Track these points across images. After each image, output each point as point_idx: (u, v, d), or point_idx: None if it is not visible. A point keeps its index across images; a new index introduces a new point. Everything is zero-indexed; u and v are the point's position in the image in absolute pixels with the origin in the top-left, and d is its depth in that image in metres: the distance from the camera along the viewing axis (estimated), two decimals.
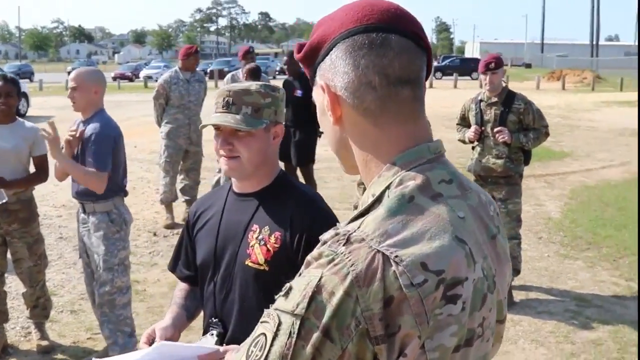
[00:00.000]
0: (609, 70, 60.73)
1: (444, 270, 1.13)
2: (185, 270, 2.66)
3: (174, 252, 2.74)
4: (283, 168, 2.65)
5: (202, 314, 2.61)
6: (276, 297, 1.21)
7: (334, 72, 1.29)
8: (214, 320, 2.42)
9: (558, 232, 8.73)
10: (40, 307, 5.35)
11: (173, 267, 2.73)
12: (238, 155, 2.32)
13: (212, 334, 2.39)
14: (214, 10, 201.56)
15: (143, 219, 9.04)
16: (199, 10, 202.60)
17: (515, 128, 6.12)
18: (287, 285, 1.19)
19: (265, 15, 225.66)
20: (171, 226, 8.82)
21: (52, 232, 8.31)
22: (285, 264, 2.28)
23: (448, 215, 1.20)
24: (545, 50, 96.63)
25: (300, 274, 1.20)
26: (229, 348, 2.11)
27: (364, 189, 5.16)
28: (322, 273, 1.13)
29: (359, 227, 1.17)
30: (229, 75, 9.55)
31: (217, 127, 2.35)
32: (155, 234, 8.52)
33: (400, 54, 1.26)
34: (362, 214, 1.23)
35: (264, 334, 1.18)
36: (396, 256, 1.11)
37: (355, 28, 1.27)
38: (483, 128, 6.24)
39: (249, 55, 9.41)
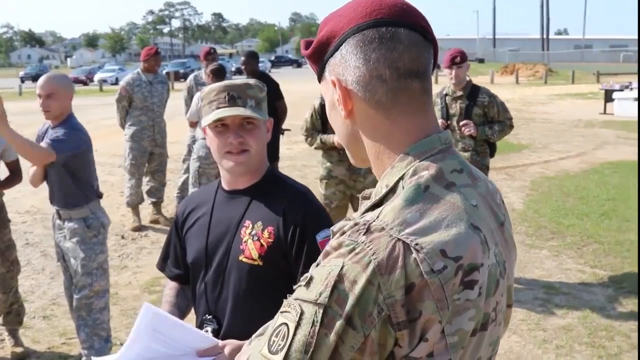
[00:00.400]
0: (559, 64, 61.90)
1: (462, 257, 1.16)
2: (175, 269, 2.66)
3: (162, 251, 2.74)
4: None
5: (192, 312, 2.63)
6: (295, 287, 1.23)
7: (345, 67, 1.31)
8: (208, 317, 2.42)
9: (522, 222, 8.87)
10: (13, 313, 5.30)
11: (162, 267, 2.74)
12: (248, 149, 2.36)
13: (207, 331, 2.38)
14: (167, 12, 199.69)
15: (110, 222, 8.96)
16: (151, 12, 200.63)
17: (481, 121, 6.23)
18: (307, 275, 1.21)
19: (218, 16, 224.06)
20: (138, 228, 8.79)
21: (18, 239, 8.15)
22: (279, 259, 2.32)
23: (462, 204, 1.23)
24: (497, 45, 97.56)
25: (318, 264, 1.22)
26: (228, 342, 2.12)
27: (326, 184, 5.16)
28: (343, 262, 1.15)
29: (377, 217, 1.20)
30: (192, 76, 9.49)
31: (218, 125, 2.37)
32: (123, 237, 8.48)
33: (410, 48, 1.29)
34: (377, 205, 1.27)
35: (286, 324, 1.19)
36: (416, 244, 1.14)
37: (365, 23, 1.29)
38: (449, 122, 6.32)
39: (210, 56, 9.38)
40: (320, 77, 1.41)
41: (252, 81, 2.42)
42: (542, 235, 8.26)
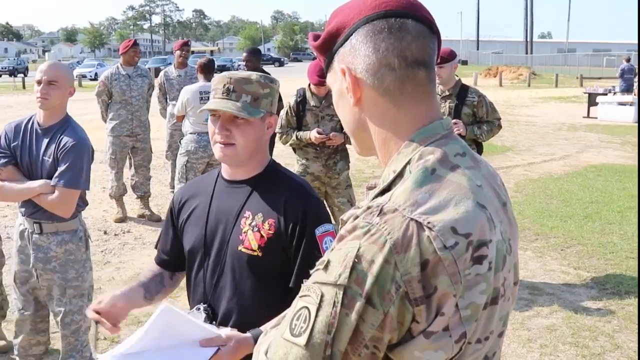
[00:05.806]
0: (543, 67, 62.15)
1: (471, 233, 1.21)
2: (162, 255, 2.70)
3: (158, 244, 2.78)
4: None
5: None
6: (312, 272, 1.26)
7: (355, 56, 1.36)
8: (203, 306, 2.45)
9: None
10: None
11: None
12: (234, 143, 2.35)
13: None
14: (147, 8, 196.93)
15: (92, 217, 8.91)
16: (132, 8, 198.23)
17: (470, 121, 6.23)
18: (324, 259, 1.24)
19: (199, 13, 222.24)
20: (122, 220, 8.86)
21: None
22: (278, 251, 2.35)
23: (468, 184, 1.28)
24: (481, 47, 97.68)
25: (333, 249, 1.25)
26: (232, 335, 2.14)
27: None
28: (359, 244, 1.19)
29: (389, 199, 1.24)
30: (162, 72, 9.56)
31: (213, 113, 2.38)
32: (105, 232, 8.44)
33: (417, 38, 1.34)
34: (385, 190, 1.31)
35: (307, 307, 1.23)
36: (429, 222, 1.19)
37: (375, 14, 1.34)
38: None
39: (180, 50, 9.47)
40: (327, 68, 1.45)
41: (254, 76, 2.40)
42: (526, 237, 8.29)
